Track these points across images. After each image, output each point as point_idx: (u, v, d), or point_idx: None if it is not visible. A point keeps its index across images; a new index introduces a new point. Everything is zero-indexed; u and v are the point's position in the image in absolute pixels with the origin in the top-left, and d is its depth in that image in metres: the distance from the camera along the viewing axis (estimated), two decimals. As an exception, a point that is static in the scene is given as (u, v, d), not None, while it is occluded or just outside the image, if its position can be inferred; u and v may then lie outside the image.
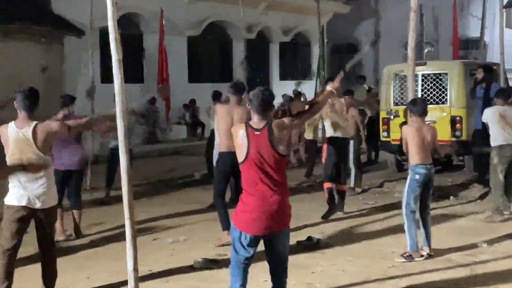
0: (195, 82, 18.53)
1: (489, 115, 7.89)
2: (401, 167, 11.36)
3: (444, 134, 10.23)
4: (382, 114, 11.23)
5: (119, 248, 6.48)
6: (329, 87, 4.83)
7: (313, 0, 15.70)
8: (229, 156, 6.56)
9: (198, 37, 18.65)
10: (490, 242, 6.67)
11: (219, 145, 7.04)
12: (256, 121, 4.21)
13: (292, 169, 11.79)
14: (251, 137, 4.13)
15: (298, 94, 14.86)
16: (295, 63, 23.19)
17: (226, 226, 6.62)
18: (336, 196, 8.20)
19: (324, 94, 4.78)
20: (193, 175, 11.68)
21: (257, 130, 4.15)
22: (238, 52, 19.78)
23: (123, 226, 4.73)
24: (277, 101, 13.93)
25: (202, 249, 6.58)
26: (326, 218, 7.96)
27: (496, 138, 7.84)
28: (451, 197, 9.19)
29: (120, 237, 6.63)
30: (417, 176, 6.17)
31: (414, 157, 6.23)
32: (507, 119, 7.80)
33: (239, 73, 18.89)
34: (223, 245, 6.56)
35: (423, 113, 6.28)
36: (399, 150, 10.55)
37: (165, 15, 16.85)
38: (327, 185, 8.22)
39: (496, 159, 7.82)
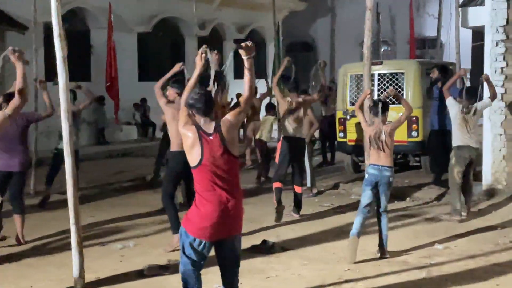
0: (145, 80, 18.35)
1: (454, 113, 8.00)
2: (358, 168, 11.51)
3: (400, 134, 10.39)
4: (339, 115, 11.35)
5: (64, 254, 6.37)
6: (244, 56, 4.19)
7: (269, -4, 15.76)
8: (181, 155, 6.50)
9: (148, 33, 18.50)
10: (446, 243, 6.82)
11: (171, 144, 6.99)
12: (205, 123, 4.18)
13: (247, 170, 11.83)
14: (204, 141, 4.12)
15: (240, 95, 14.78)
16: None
17: (176, 229, 6.60)
18: (286, 197, 8.25)
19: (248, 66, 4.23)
20: (144, 178, 11.57)
21: (209, 134, 4.13)
22: (191, 49, 19.69)
23: (68, 231, 4.66)
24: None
25: (153, 255, 6.52)
26: (279, 220, 7.97)
27: (456, 138, 8.01)
28: (408, 199, 9.36)
29: (66, 243, 6.52)
30: (366, 176, 6.32)
31: (370, 156, 6.37)
32: (468, 120, 7.93)
33: (192, 71, 18.78)
34: (174, 250, 6.52)
35: (383, 113, 6.36)
36: (356, 151, 10.74)
37: (114, 10, 16.63)
38: (276, 184, 8.24)
39: (454, 160, 7.99)
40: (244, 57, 4.19)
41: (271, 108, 12.12)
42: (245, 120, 11.79)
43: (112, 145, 16.52)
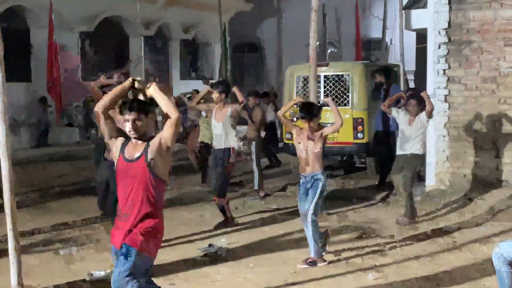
0: (88, 81, 18.03)
1: (401, 118, 8.10)
2: (305, 170, 11.57)
3: (346, 136, 10.57)
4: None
5: (1, 261, 6.18)
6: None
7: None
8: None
9: (91, 33, 18.19)
10: (392, 244, 6.94)
11: (106, 150, 6.88)
12: (133, 143, 4.06)
13: (192, 174, 11.78)
14: (120, 166, 4.06)
15: (197, 92, 14.60)
16: (196, 61, 23.17)
17: None
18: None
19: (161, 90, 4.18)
20: (86, 181, 11.36)
21: (129, 161, 4.02)
22: (135, 49, 19.50)
23: (6, 237, 4.53)
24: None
25: (96, 261, 6.40)
26: (220, 227, 7.82)
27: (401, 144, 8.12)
28: (354, 200, 9.48)
29: (3, 249, 6.33)
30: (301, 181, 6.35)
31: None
32: (413, 126, 8.06)
33: (136, 72, 18.60)
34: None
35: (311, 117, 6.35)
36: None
37: (55, 9, 16.28)
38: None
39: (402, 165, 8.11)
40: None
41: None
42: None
43: (53, 147, 16.15)
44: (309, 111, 6.24)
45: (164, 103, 4.01)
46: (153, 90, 4.06)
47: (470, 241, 6.99)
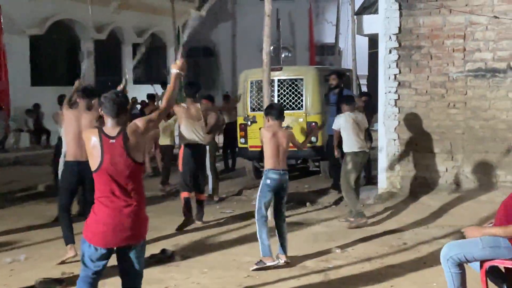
0: (38, 85, 17.73)
1: (343, 122, 8.31)
2: (259, 173, 11.61)
3: (300, 140, 10.60)
4: (240, 120, 11.44)
5: None
6: (173, 69, 4.39)
7: (168, 0, 15.69)
8: (76, 165, 6.47)
9: (42, 36, 17.89)
10: (344, 247, 7.03)
11: (66, 154, 6.82)
12: (110, 126, 4.12)
13: (147, 178, 11.67)
14: (105, 145, 4.04)
15: (152, 96, 14.49)
16: (150, 66, 23.00)
17: (69, 240, 6.47)
18: (194, 206, 8.23)
19: (173, 78, 4.38)
20: (36, 187, 11.16)
21: (111, 137, 4.06)
22: (87, 53, 19.24)
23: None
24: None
25: (45, 268, 6.30)
26: (181, 229, 7.95)
27: (352, 144, 8.27)
28: (308, 203, 9.57)
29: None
30: (268, 181, 6.39)
31: (267, 161, 6.44)
32: (360, 125, 8.28)
33: (88, 75, 18.35)
34: (63, 262, 6.36)
35: (279, 117, 6.48)
36: (258, 157, 10.86)
37: (4, 12, 15.99)
38: (184, 194, 8.21)
39: (351, 165, 8.25)
40: (174, 71, 4.34)
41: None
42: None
43: (2, 153, 15.81)
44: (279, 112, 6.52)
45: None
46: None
47: (420, 242, 7.13)
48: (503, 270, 4.59)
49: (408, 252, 6.81)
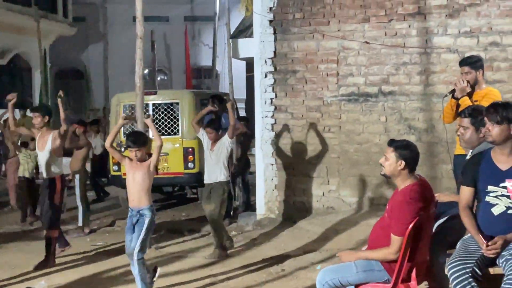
0: None
1: (206, 141, 8.26)
2: (134, 203, 11.42)
3: (176, 166, 10.61)
4: (112, 147, 11.20)
5: None
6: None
7: (33, 20, 15.21)
8: None
9: None
10: (222, 275, 7.05)
11: None
12: None
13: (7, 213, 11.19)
14: None
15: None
16: (13, 89, 22.05)
17: None
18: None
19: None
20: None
21: None
22: None
23: None
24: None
25: None
26: (39, 269, 7.46)
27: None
28: (185, 232, 9.52)
29: None
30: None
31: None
32: (215, 152, 8.25)
33: None
34: None
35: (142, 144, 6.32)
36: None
37: None
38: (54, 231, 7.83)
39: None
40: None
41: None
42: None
43: None
44: (137, 139, 6.19)
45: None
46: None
47: (298, 268, 7.28)
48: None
49: (286, 278, 6.95)
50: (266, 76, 9.60)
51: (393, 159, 4.45)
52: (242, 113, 16.90)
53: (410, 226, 4.28)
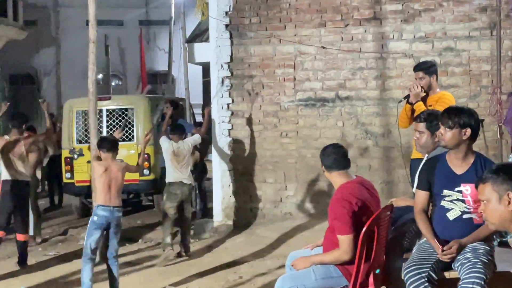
0: None
1: (165, 149, 8.31)
2: (87, 211, 11.27)
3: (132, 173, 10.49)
4: (65, 153, 11.05)
5: None
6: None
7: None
8: None
9: None
10: (180, 284, 7.00)
11: None
12: None
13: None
14: None
15: None
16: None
17: None
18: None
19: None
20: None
21: None
22: None
23: None
24: None
25: None
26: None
27: (168, 174, 8.33)
28: (140, 240, 9.43)
29: None
30: (96, 218, 6.28)
31: (98, 197, 6.32)
32: (180, 156, 8.29)
33: None
34: None
35: (110, 149, 6.36)
36: (86, 192, 10.53)
37: None
38: None
39: (165, 196, 8.27)
40: None
41: None
42: None
43: None
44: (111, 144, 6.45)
45: None
46: None
47: (256, 275, 7.27)
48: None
49: (244, 285, 6.94)
50: (222, 81, 9.59)
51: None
52: (199, 118, 16.82)
53: (364, 229, 4.28)
